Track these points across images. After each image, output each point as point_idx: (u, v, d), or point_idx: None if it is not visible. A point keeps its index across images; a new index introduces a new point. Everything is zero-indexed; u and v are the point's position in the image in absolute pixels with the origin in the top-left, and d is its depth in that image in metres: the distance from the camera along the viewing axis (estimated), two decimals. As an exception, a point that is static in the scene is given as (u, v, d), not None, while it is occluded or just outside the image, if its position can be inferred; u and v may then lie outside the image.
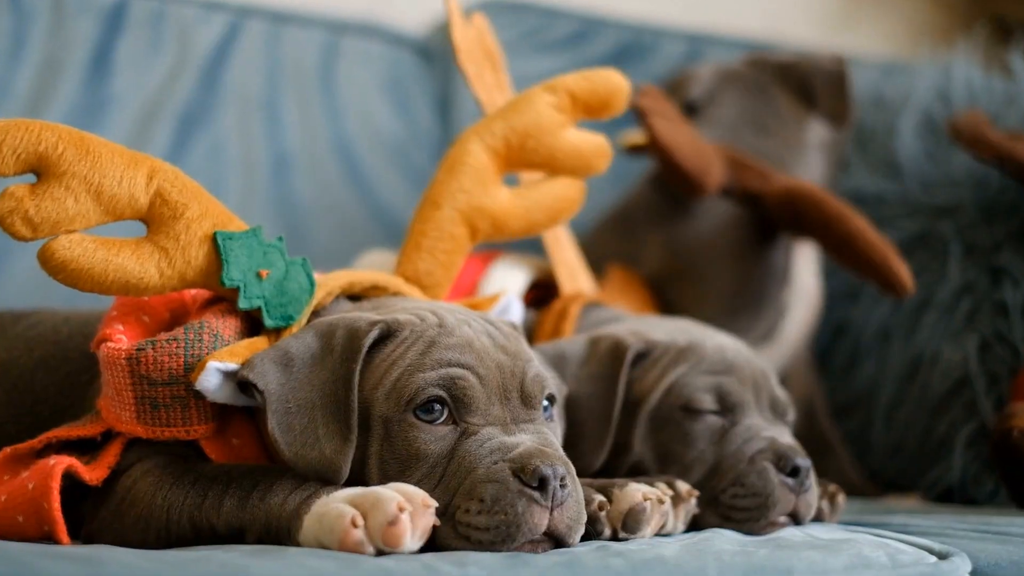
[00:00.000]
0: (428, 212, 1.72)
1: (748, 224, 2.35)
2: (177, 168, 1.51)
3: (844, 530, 1.71)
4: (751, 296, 2.35)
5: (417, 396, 1.43)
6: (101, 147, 1.45)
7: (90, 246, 1.44)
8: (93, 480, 1.47)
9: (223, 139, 2.60)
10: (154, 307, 1.59)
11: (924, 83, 2.72)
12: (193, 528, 1.43)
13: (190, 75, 2.60)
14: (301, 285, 1.55)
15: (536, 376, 1.50)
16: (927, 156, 2.61)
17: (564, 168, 1.79)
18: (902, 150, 2.64)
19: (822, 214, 2.22)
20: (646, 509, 1.53)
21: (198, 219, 1.50)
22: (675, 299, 2.34)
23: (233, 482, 1.43)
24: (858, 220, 2.21)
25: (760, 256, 2.36)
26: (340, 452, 1.40)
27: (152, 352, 1.46)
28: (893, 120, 2.70)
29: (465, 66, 2.04)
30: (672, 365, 1.77)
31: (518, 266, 2.12)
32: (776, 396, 1.81)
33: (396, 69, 2.84)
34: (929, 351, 2.48)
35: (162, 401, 1.47)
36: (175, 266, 1.49)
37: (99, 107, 2.51)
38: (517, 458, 1.39)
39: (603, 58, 2.86)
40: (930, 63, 2.83)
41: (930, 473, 2.41)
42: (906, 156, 2.63)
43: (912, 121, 2.66)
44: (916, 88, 2.72)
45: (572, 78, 1.78)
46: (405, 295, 1.66)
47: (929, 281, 2.50)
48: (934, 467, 2.41)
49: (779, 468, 1.70)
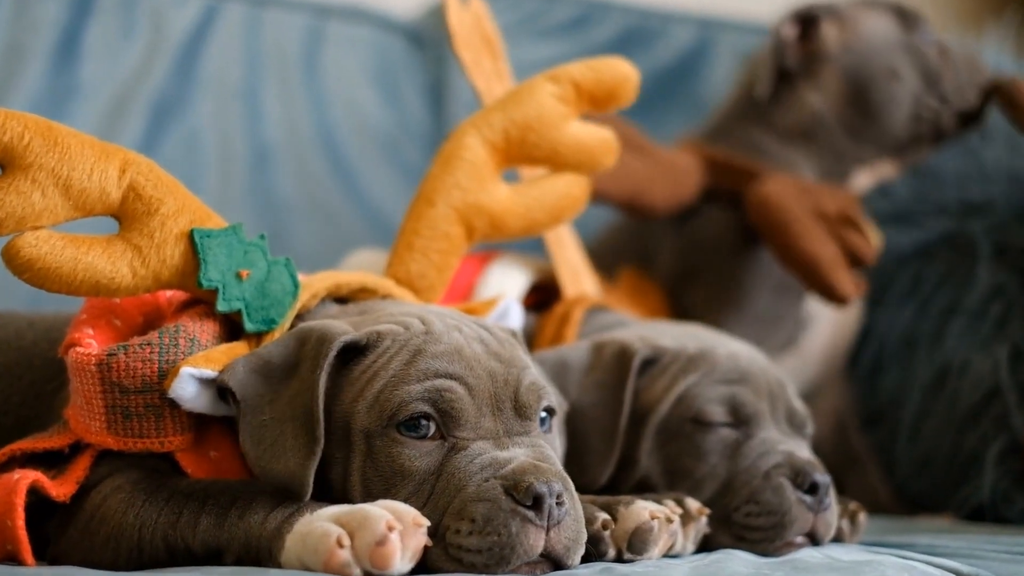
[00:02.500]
0: (421, 210, 1.72)
1: (747, 227, 2.37)
2: (152, 161, 1.52)
3: (866, 551, 1.71)
4: (764, 302, 2.35)
5: (400, 411, 1.43)
6: (70, 138, 1.45)
7: (58, 244, 1.44)
8: (60, 496, 1.47)
9: (199, 130, 2.61)
10: (126, 310, 1.59)
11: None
12: (167, 548, 1.43)
13: (164, 62, 2.61)
14: (284, 287, 1.55)
15: (532, 385, 1.50)
16: (956, 150, 2.62)
17: (568, 163, 1.79)
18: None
19: (764, 220, 2.25)
20: (653, 528, 1.54)
21: (174, 215, 1.50)
22: (688, 304, 2.35)
23: (210, 498, 1.43)
24: (797, 227, 2.23)
25: (767, 261, 2.36)
26: (303, 465, 1.39)
27: (124, 358, 1.46)
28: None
29: (461, 53, 2.04)
30: (682, 373, 1.78)
31: (517, 267, 2.12)
32: (793, 407, 1.81)
33: (386, 56, 2.84)
34: (957, 360, 2.47)
35: (135, 410, 1.47)
36: (149, 266, 1.49)
37: (66, 96, 2.51)
38: (510, 475, 1.39)
39: (608, 45, 2.87)
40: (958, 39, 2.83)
41: (958, 491, 2.41)
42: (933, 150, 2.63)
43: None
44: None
45: (576, 67, 1.78)
46: (396, 298, 1.66)
47: (957, 285, 2.50)
48: (963, 484, 2.41)
49: (796, 484, 1.70)
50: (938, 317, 2.54)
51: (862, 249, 2.25)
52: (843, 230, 2.26)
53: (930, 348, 2.54)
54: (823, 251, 2.22)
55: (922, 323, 2.57)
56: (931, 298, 2.56)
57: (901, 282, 2.62)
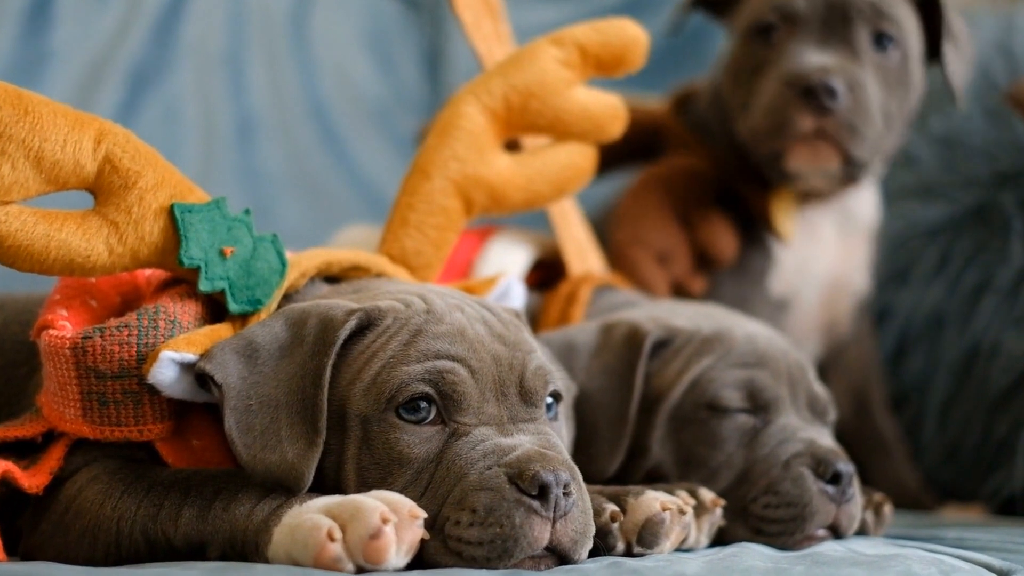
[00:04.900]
0: (416, 183, 1.72)
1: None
2: (129, 131, 1.51)
3: (891, 544, 1.72)
4: (726, 288, 2.33)
5: (400, 393, 1.42)
6: (42, 106, 1.45)
7: (29, 219, 1.44)
8: (33, 487, 1.47)
9: (180, 99, 2.60)
10: (103, 290, 1.59)
11: (983, 36, 2.71)
12: (147, 542, 1.43)
13: (142, 26, 2.60)
14: (270, 265, 1.55)
15: (538, 369, 1.50)
16: (986, 117, 2.61)
17: (572, 132, 1.79)
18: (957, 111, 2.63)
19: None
20: (664, 520, 1.53)
21: (153, 189, 1.50)
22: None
23: (192, 489, 1.43)
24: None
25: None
26: (304, 457, 1.39)
27: (100, 341, 1.46)
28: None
29: (461, 14, 2.04)
30: (696, 356, 1.77)
31: (519, 243, 2.12)
32: (814, 392, 1.81)
33: (379, 19, 2.84)
34: (987, 341, 2.48)
35: (111, 397, 1.46)
36: (126, 243, 1.48)
37: (38, 62, 2.51)
38: (514, 462, 1.39)
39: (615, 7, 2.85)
40: (990, 14, 2.83)
41: (989, 480, 2.41)
42: (962, 118, 2.62)
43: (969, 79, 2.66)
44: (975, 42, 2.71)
45: (581, 29, 1.78)
46: (390, 277, 1.66)
47: (988, 261, 2.50)
48: (993, 473, 2.41)
49: (818, 474, 1.70)
50: (967, 296, 2.54)
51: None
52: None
53: (959, 328, 2.54)
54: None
55: (950, 302, 2.57)
56: (960, 276, 2.56)
57: (927, 259, 2.62)
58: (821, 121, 2.14)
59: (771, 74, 2.20)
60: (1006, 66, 2.64)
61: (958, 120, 2.62)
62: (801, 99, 2.13)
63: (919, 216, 2.59)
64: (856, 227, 2.41)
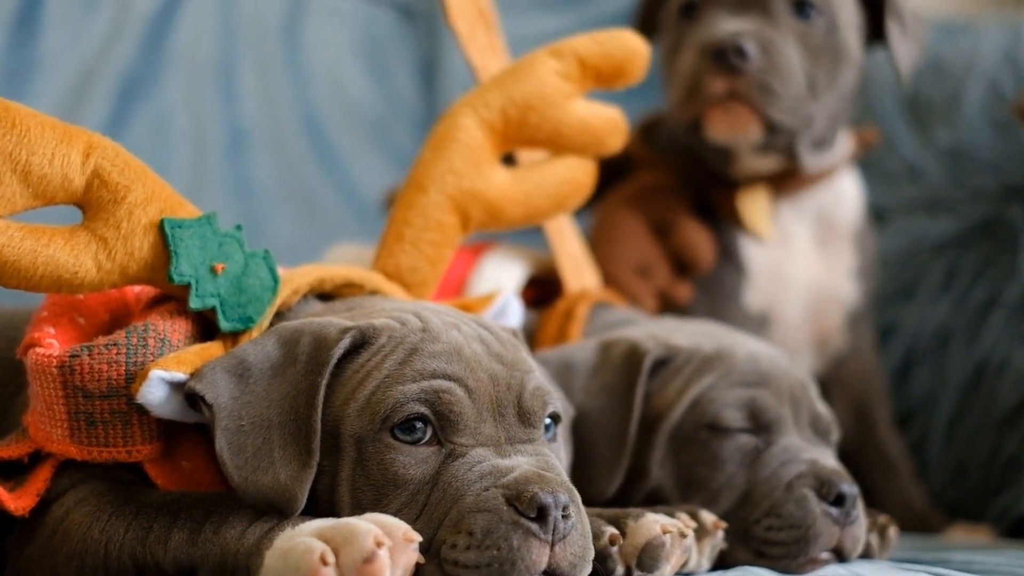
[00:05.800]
0: (412, 197, 1.72)
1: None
2: (118, 144, 1.51)
3: (896, 568, 1.71)
4: (698, 305, 2.33)
5: (395, 413, 1.42)
6: (29, 119, 1.45)
7: (16, 235, 1.44)
8: (19, 510, 1.46)
9: (170, 110, 2.60)
10: (91, 307, 1.58)
11: (990, 46, 2.72)
12: (136, 566, 1.42)
13: (131, 35, 2.61)
14: (262, 282, 1.55)
15: (537, 389, 1.50)
16: (993, 129, 2.62)
17: (571, 146, 1.79)
18: (964, 122, 2.64)
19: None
20: (665, 544, 1.53)
21: (142, 204, 1.50)
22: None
23: (182, 512, 1.43)
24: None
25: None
26: (297, 479, 1.39)
27: (88, 359, 1.45)
28: (954, 88, 2.70)
29: (456, 24, 2.04)
30: (697, 375, 1.77)
31: (513, 259, 2.11)
32: (817, 412, 1.81)
33: (372, 29, 2.84)
34: (996, 357, 2.48)
35: (100, 416, 1.46)
36: (115, 259, 1.48)
37: (24, 72, 2.51)
38: (512, 484, 1.39)
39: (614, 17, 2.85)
40: (997, 23, 2.84)
41: (997, 500, 2.41)
42: (969, 129, 2.63)
43: (976, 89, 2.67)
44: (981, 52, 2.72)
45: (580, 41, 1.78)
46: (385, 294, 1.66)
47: (996, 276, 2.51)
48: (1001, 493, 2.41)
49: (821, 496, 1.69)
50: (975, 311, 2.54)
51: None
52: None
53: (966, 345, 2.54)
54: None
55: (957, 318, 2.57)
56: (967, 291, 2.56)
57: (934, 274, 2.63)
58: (733, 82, 2.15)
59: (689, 46, 2.22)
60: (1013, 76, 2.65)
61: (965, 132, 2.63)
62: (712, 62, 2.15)
63: (925, 230, 2.59)
64: (835, 230, 2.38)
